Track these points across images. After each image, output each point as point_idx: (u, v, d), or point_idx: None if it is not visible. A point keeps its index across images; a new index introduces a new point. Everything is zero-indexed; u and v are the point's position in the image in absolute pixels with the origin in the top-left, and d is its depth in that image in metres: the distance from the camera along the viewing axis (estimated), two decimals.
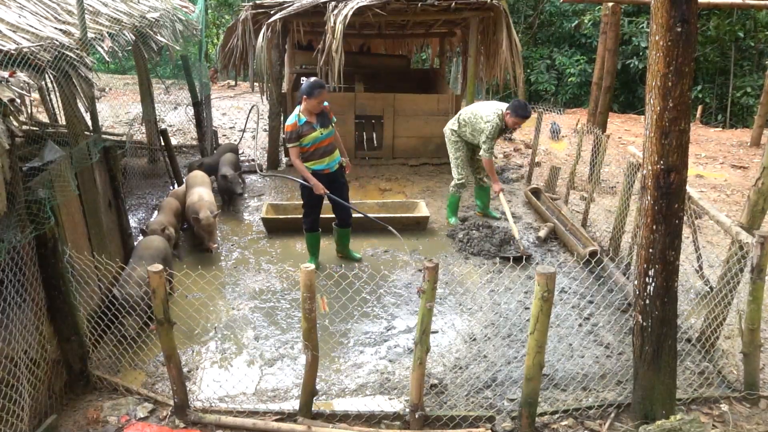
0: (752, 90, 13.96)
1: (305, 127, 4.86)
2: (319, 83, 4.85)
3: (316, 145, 4.92)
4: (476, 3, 7.44)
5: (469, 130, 6.11)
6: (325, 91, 4.83)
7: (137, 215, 6.56)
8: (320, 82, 4.90)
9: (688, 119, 3.02)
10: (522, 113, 5.82)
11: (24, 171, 3.34)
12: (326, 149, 4.98)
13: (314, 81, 4.88)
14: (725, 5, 9.77)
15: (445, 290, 5.03)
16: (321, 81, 4.99)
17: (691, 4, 2.82)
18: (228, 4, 18.63)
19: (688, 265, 4.97)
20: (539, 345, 3.13)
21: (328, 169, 5.05)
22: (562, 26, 16.45)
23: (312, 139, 4.88)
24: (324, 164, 5.02)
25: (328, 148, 4.99)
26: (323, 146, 4.96)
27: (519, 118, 5.83)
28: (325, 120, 4.95)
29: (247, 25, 7.86)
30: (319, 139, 4.91)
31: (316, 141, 4.90)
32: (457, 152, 6.29)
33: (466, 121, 6.13)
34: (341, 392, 3.77)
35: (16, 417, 2.94)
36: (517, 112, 5.81)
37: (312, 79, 5.05)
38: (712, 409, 3.57)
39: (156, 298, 3.12)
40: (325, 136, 4.94)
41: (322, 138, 4.92)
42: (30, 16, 3.89)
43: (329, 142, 4.99)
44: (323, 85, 4.88)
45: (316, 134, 4.89)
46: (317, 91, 4.76)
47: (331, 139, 5.01)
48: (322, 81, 5.04)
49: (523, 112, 5.82)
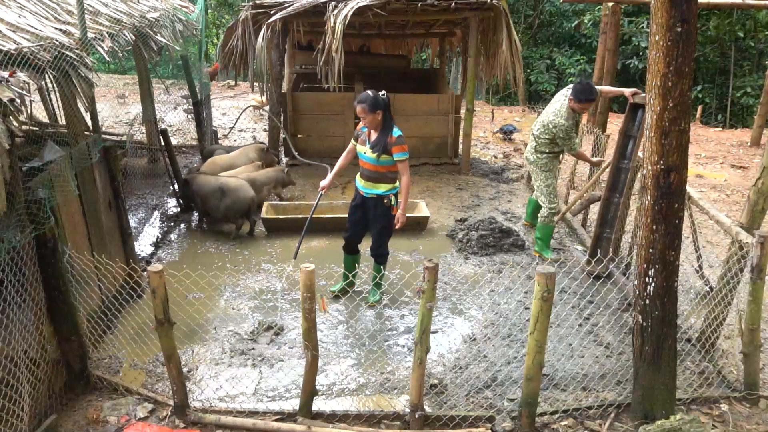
0: (752, 90, 13.96)
1: (361, 136, 4.52)
2: (360, 96, 4.34)
3: (360, 159, 4.54)
4: (476, 3, 7.44)
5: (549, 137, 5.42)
6: (360, 106, 4.29)
7: (137, 215, 6.57)
8: (361, 95, 4.33)
9: (688, 119, 3.02)
10: (584, 97, 5.11)
11: (24, 171, 3.33)
12: (365, 171, 4.50)
13: (362, 93, 4.37)
14: (725, 5, 9.77)
15: (446, 290, 5.03)
16: (363, 95, 4.32)
17: (691, 4, 2.83)
18: (228, 4, 18.64)
19: (688, 265, 4.97)
20: (539, 345, 3.13)
21: (362, 191, 4.57)
22: (562, 26, 16.46)
23: (359, 151, 4.54)
24: (359, 184, 4.59)
25: (367, 172, 4.49)
26: (363, 167, 4.51)
27: (582, 103, 5.17)
28: (379, 146, 4.34)
29: (247, 25, 7.86)
30: (362, 156, 4.49)
31: (360, 156, 4.52)
32: (547, 179, 5.56)
33: (542, 131, 5.45)
34: (341, 392, 3.77)
35: (16, 417, 2.94)
36: (579, 96, 5.13)
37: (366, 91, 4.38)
38: (712, 409, 3.57)
39: (156, 298, 3.12)
40: (368, 159, 4.43)
41: (365, 159, 4.46)
42: (30, 16, 3.89)
43: (371, 169, 4.44)
44: (361, 99, 4.30)
45: (362, 149, 4.48)
46: (355, 102, 4.37)
47: (372, 167, 4.43)
48: (365, 95, 4.31)
49: (586, 96, 5.10)
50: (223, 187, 6.06)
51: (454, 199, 7.42)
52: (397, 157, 4.34)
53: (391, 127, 4.37)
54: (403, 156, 4.36)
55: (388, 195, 4.50)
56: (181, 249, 5.93)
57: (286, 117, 8.50)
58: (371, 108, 4.26)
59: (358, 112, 4.34)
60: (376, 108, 4.27)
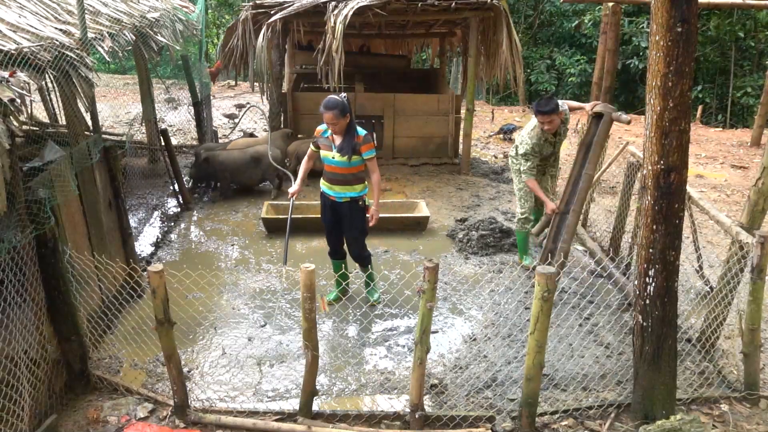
0: (752, 90, 13.95)
1: (323, 141, 4.42)
2: (325, 102, 4.19)
3: (326, 165, 4.44)
4: (476, 3, 7.45)
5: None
6: (330, 113, 4.15)
7: (137, 215, 6.57)
8: (327, 101, 4.18)
9: (689, 119, 3.02)
10: (538, 108, 4.93)
11: (24, 171, 3.34)
12: (335, 176, 4.41)
13: (326, 98, 4.22)
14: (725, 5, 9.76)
15: (446, 290, 5.03)
16: (330, 100, 4.18)
17: (691, 4, 2.82)
18: (228, 4, 18.64)
19: (688, 265, 4.97)
20: (539, 345, 3.13)
21: (333, 197, 4.48)
22: (562, 26, 16.45)
23: (324, 156, 4.43)
24: (329, 190, 4.48)
25: (337, 176, 4.40)
26: (332, 171, 4.41)
27: (539, 115, 4.96)
28: (348, 148, 4.29)
29: (247, 25, 7.86)
30: (329, 161, 4.40)
31: (326, 161, 4.43)
32: (519, 182, 5.31)
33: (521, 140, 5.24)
34: (341, 392, 3.77)
35: (16, 417, 2.94)
36: (536, 108, 4.98)
37: (330, 96, 4.26)
38: (712, 409, 3.57)
39: (156, 298, 3.12)
40: (336, 163, 4.35)
41: (332, 163, 4.37)
42: (30, 16, 3.90)
43: (341, 172, 4.38)
44: (329, 105, 4.16)
45: (329, 155, 4.37)
46: (322, 110, 4.19)
47: (343, 169, 4.37)
48: (332, 101, 4.18)
49: (540, 107, 4.91)
50: (254, 156, 7.16)
51: (455, 199, 7.42)
52: (366, 155, 4.34)
53: (355, 128, 4.35)
54: (372, 153, 4.38)
55: (362, 195, 4.50)
56: (181, 249, 5.93)
57: (287, 117, 8.50)
58: (342, 113, 4.19)
59: (327, 120, 4.21)
60: (345, 112, 4.21)
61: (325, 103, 4.20)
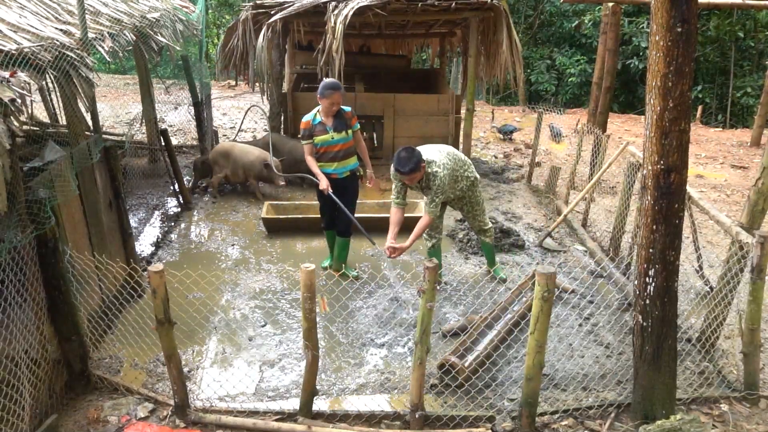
0: (752, 90, 13.97)
1: (318, 127, 4.76)
2: (330, 84, 4.65)
3: (325, 147, 4.81)
4: (476, 3, 7.44)
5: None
6: (337, 93, 4.62)
7: (137, 215, 6.57)
8: (333, 83, 4.67)
9: (689, 119, 3.02)
10: (395, 167, 4.34)
11: (24, 171, 3.34)
12: (336, 154, 4.83)
13: (327, 81, 4.69)
14: (725, 5, 9.76)
15: (446, 290, 5.03)
16: (335, 82, 4.71)
17: (691, 4, 2.83)
18: (228, 4, 18.64)
19: (688, 265, 4.98)
20: (539, 345, 3.13)
21: (336, 174, 4.90)
22: (562, 26, 16.46)
23: (322, 141, 4.77)
24: (331, 168, 4.88)
25: (338, 153, 4.83)
26: (333, 151, 4.82)
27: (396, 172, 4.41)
28: (341, 125, 4.77)
29: (247, 25, 7.86)
30: (329, 142, 4.78)
31: (325, 144, 4.79)
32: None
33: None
34: (341, 392, 3.77)
35: (16, 417, 2.94)
36: (393, 167, 4.39)
37: (328, 79, 4.82)
38: (712, 409, 3.57)
39: (157, 298, 3.13)
40: (336, 141, 4.78)
41: (333, 142, 4.79)
42: (31, 16, 3.90)
43: (341, 148, 4.82)
44: (336, 86, 4.65)
45: (327, 137, 4.76)
46: (328, 92, 4.60)
47: (344, 145, 4.83)
48: (336, 82, 4.72)
49: (396, 166, 4.33)
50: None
51: None
52: (356, 127, 4.90)
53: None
54: (358, 126, 4.95)
55: (357, 167, 5.03)
56: (181, 249, 5.93)
57: (287, 117, 8.49)
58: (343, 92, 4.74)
59: (336, 99, 4.64)
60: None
61: (330, 85, 4.66)
